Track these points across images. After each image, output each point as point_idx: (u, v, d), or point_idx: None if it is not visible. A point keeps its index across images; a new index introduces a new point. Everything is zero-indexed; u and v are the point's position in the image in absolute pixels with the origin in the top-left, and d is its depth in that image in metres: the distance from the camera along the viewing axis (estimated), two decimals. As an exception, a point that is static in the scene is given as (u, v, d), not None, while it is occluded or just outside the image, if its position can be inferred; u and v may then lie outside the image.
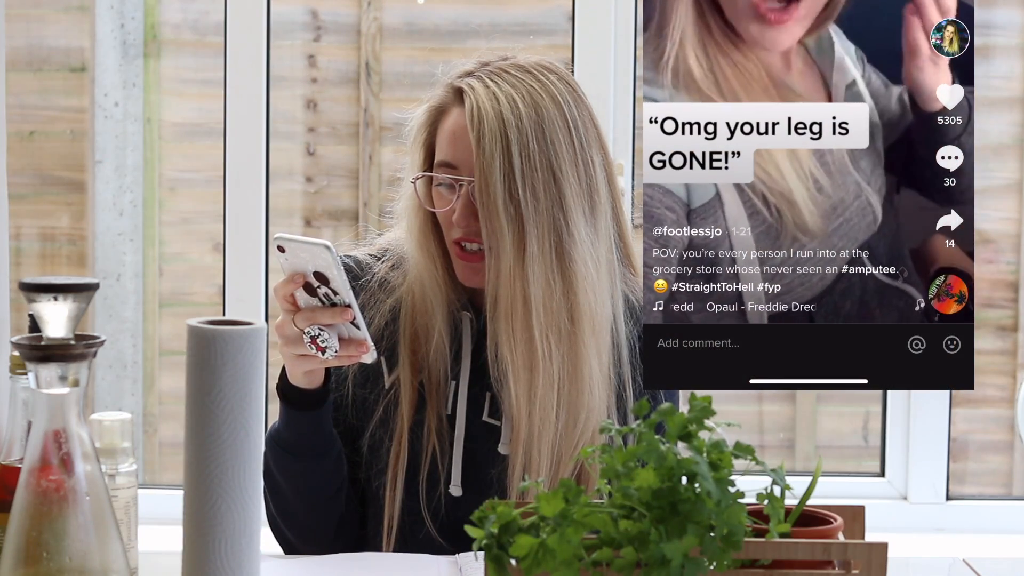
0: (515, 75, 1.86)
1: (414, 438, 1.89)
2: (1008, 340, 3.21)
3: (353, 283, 1.86)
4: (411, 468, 1.89)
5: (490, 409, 1.90)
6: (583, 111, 1.87)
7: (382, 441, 1.90)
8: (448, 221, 1.86)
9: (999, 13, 3.16)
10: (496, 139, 1.81)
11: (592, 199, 1.86)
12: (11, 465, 1.47)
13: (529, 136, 1.83)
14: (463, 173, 1.85)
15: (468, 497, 1.88)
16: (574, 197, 1.84)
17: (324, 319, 1.72)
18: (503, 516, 1.26)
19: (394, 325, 1.92)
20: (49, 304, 1.22)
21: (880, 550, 1.31)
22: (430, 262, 1.89)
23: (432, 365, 1.90)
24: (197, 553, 1.30)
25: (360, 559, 1.82)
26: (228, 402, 1.29)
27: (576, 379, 1.83)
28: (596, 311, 1.84)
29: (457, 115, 1.86)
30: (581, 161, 1.85)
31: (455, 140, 1.85)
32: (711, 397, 1.31)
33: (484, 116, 1.82)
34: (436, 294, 1.89)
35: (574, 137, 1.86)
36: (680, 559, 1.22)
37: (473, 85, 1.85)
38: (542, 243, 1.82)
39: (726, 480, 1.25)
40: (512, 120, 1.82)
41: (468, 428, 1.90)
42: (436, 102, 1.90)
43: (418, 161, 1.91)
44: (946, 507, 2.99)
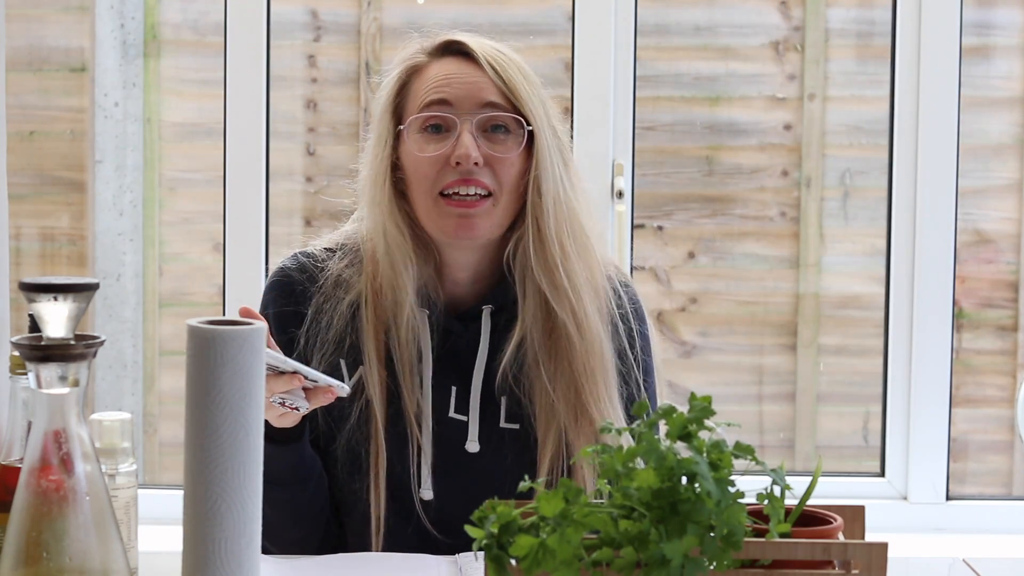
0: (486, 36, 1.89)
1: (391, 433, 1.87)
2: (1008, 340, 3.21)
3: (309, 285, 1.87)
4: (392, 464, 1.87)
5: (457, 405, 1.89)
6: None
7: (359, 442, 1.88)
8: (438, 171, 1.82)
9: (999, 13, 3.16)
10: (515, 71, 1.84)
11: (570, 165, 1.89)
12: (11, 465, 1.47)
13: (534, 81, 1.86)
14: (462, 108, 1.82)
15: (441, 494, 1.87)
16: (567, 155, 1.88)
17: (278, 388, 1.68)
18: (503, 516, 1.26)
19: (354, 323, 1.88)
20: (49, 304, 1.22)
21: (880, 550, 1.31)
22: (398, 231, 1.84)
23: (402, 348, 1.86)
24: (197, 553, 1.30)
25: (360, 559, 1.82)
26: (228, 402, 1.29)
27: (590, 338, 1.84)
28: (597, 272, 1.87)
29: (442, 64, 1.85)
30: (559, 118, 1.88)
31: (448, 79, 1.83)
32: (711, 397, 1.31)
33: (495, 52, 1.84)
34: (407, 264, 1.84)
35: (546, 98, 1.88)
36: (680, 559, 1.22)
37: (463, 36, 1.87)
38: (562, 180, 1.84)
39: (726, 480, 1.25)
40: (518, 60, 1.86)
41: (434, 426, 1.88)
42: (410, 63, 1.88)
43: (388, 127, 1.87)
44: (946, 507, 2.99)
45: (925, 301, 2.96)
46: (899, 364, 3.00)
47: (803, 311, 3.21)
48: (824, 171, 3.19)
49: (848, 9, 3.17)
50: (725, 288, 3.22)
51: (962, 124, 2.95)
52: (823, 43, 3.17)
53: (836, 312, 3.22)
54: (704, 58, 3.17)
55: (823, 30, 3.17)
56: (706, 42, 3.17)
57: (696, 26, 3.16)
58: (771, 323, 3.22)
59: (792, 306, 3.22)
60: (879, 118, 3.08)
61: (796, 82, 3.18)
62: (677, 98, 3.18)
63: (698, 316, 3.22)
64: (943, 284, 2.96)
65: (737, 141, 3.18)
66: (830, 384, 3.24)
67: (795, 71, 3.17)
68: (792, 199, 3.19)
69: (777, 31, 3.16)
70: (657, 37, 3.15)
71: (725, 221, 3.20)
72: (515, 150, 1.82)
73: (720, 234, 3.20)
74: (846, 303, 3.21)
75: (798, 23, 3.17)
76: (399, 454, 1.87)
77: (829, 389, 3.24)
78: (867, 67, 3.16)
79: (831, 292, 3.21)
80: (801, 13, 3.17)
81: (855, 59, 3.18)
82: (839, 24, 3.18)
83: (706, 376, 3.22)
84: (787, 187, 3.19)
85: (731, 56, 3.17)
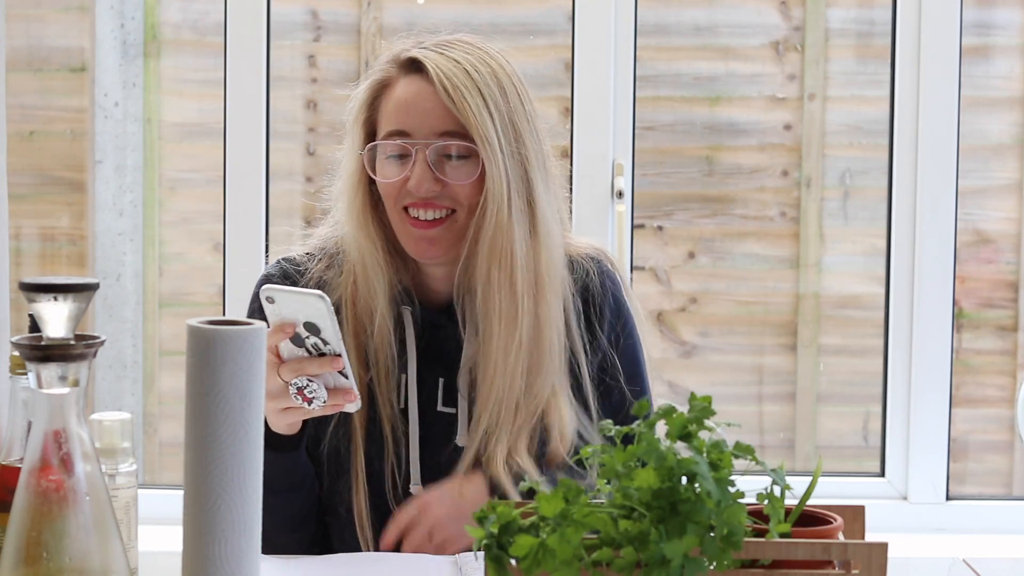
0: (462, 46, 1.88)
1: (371, 435, 1.88)
2: (1008, 340, 3.21)
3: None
4: (372, 466, 1.88)
5: (444, 398, 1.90)
6: (524, 86, 1.90)
7: (340, 443, 1.89)
8: (398, 192, 1.85)
9: (999, 13, 3.16)
10: (472, 93, 1.83)
11: (546, 165, 1.90)
12: (11, 465, 1.47)
13: (496, 94, 1.85)
14: (417, 138, 1.84)
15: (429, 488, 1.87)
16: (536, 158, 1.87)
17: (312, 369, 1.69)
18: (503, 516, 1.26)
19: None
20: (49, 304, 1.22)
21: (880, 550, 1.31)
22: (370, 243, 1.88)
23: (379, 351, 1.88)
24: (197, 553, 1.30)
25: (360, 559, 1.82)
26: (228, 402, 1.29)
27: (539, 341, 1.85)
28: (557, 272, 1.88)
29: (406, 84, 1.86)
30: (535, 128, 1.88)
31: (407, 107, 1.85)
32: (711, 397, 1.31)
33: (454, 74, 1.83)
34: (377, 275, 1.87)
35: (525, 105, 1.88)
36: (680, 559, 1.22)
37: (426, 54, 1.86)
38: (519, 198, 1.84)
39: (726, 480, 1.25)
40: (479, 79, 1.84)
41: (422, 420, 1.89)
42: (379, 76, 1.89)
43: (359, 139, 1.90)
44: (946, 507, 2.99)
45: (925, 301, 2.96)
46: (899, 364, 3.00)
47: (803, 311, 3.21)
48: (824, 171, 3.19)
49: (848, 9, 3.17)
50: (725, 288, 3.22)
51: (962, 124, 2.95)
52: (823, 43, 3.17)
53: (836, 312, 3.22)
54: (704, 58, 3.17)
55: (823, 30, 3.17)
56: (706, 42, 3.17)
57: (696, 26, 3.16)
58: (771, 323, 3.22)
59: (792, 306, 3.22)
60: (879, 118, 3.08)
61: (796, 82, 3.18)
62: (677, 98, 3.18)
63: (698, 316, 3.22)
64: (943, 284, 2.96)
65: (737, 141, 3.18)
66: (830, 384, 3.24)
67: (795, 71, 3.17)
68: (792, 199, 3.19)
69: (777, 31, 3.16)
70: (657, 37, 3.15)
71: (725, 221, 3.20)
72: (470, 175, 1.85)
73: (720, 234, 3.20)
74: (846, 303, 3.21)
75: (798, 23, 3.17)
76: (381, 453, 1.88)
77: (829, 389, 3.24)
78: (867, 67, 3.16)
79: (831, 292, 3.21)
80: (801, 13, 3.17)
81: (855, 59, 3.18)
82: (839, 24, 3.18)
83: (706, 376, 3.22)
84: (787, 187, 3.19)
85: (731, 56, 3.17)
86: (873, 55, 3.14)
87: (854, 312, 3.21)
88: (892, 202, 2.99)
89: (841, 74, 3.18)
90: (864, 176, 3.17)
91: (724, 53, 3.17)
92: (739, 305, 3.22)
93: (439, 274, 1.91)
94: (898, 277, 2.99)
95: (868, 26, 3.16)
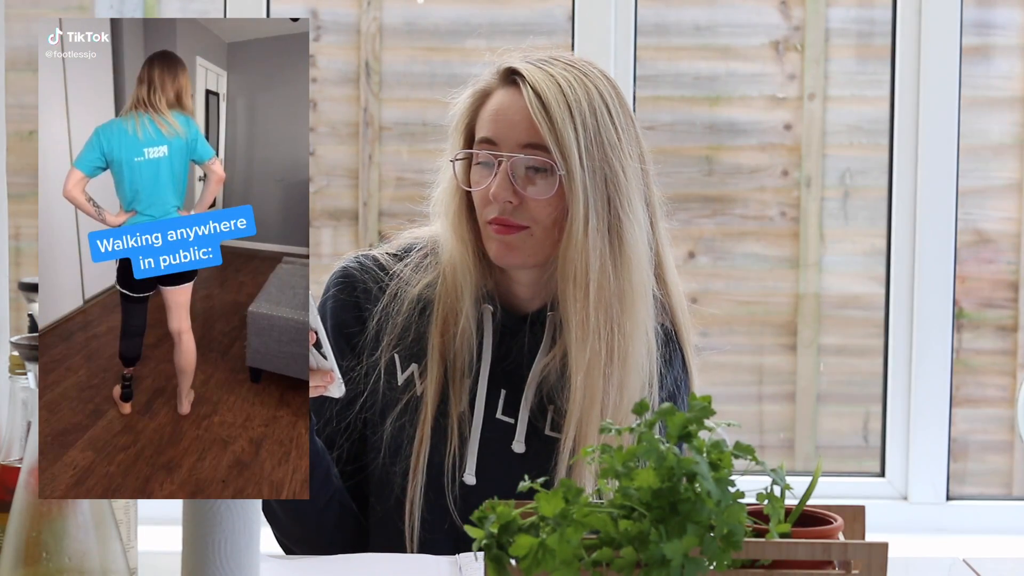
0: (563, 64, 1.91)
1: (436, 428, 1.92)
2: (1008, 340, 3.21)
3: (372, 284, 1.93)
4: (431, 458, 1.91)
5: (504, 407, 1.92)
6: (623, 109, 1.92)
7: (403, 430, 1.92)
8: (485, 199, 1.89)
9: (999, 13, 3.16)
10: (559, 107, 1.86)
11: (642, 191, 1.92)
12: (11, 465, 1.47)
13: (585, 111, 1.87)
14: (503, 149, 1.88)
15: (481, 486, 1.90)
16: (625, 181, 1.88)
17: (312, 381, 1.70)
18: (503, 516, 1.26)
19: (420, 317, 1.95)
20: (49, 304, 1.21)
21: (880, 550, 1.31)
22: (462, 245, 1.93)
23: (458, 351, 1.93)
24: (197, 553, 1.30)
25: (360, 559, 1.83)
26: (228, 402, 1.29)
27: (625, 358, 1.87)
28: (642, 294, 1.89)
29: (502, 95, 1.90)
30: (628, 151, 1.91)
31: (497, 117, 1.89)
32: (711, 397, 1.31)
33: (547, 89, 1.87)
34: (466, 277, 1.92)
35: (619, 127, 1.90)
36: (680, 559, 1.22)
37: (527, 68, 1.89)
38: (598, 217, 1.85)
39: (726, 480, 1.25)
40: (571, 96, 1.87)
41: (483, 423, 1.92)
42: (481, 86, 1.94)
43: (458, 144, 1.95)
44: (946, 507, 2.99)
45: (925, 301, 2.96)
46: (899, 364, 3.00)
47: (803, 311, 3.21)
48: (824, 171, 3.19)
49: (848, 9, 3.17)
50: (725, 288, 3.22)
51: (962, 124, 2.95)
52: (823, 43, 3.17)
53: (836, 312, 3.22)
54: (704, 58, 3.17)
55: (823, 30, 3.17)
56: (706, 42, 3.17)
57: (696, 26, 3.16)
58: (771, 323, 3.22)
59: (792, 306, 3.22)
60: (879, 118, 3.08)
61: (796, 82, 3.17)
62: (677, 98, 3.18)
63: (698, 316, 3.22)
64: (943, 284, 2.96)
65: (737, 141, 3.18)
66: (830, 384, 3.24)
67: (795, 71, 3.17)
68: (792, 199, 3.19)
69: (777, 31, 3.16)
70: (657, 37, 3.15)
71: (725, 221, 3.20)
72: (548, 190, 1.87)
73: (720, 234, 3.20)
74: (846, 303, 3.21)
75: (798, 23, 3.17)
76: (442, 447, 1.92)
77: (829, 389, 3.24)
78: (867, 67, 3.16)
79: (831, 292, 3.21)
80: (801, 13, 3.17)
81: (855, 59, 3.18)
82: (839, 24, 3.17)
83: (706, 376, 3.21)
84: (787, 187, 3.19)
85: (731, 56, 3.17)
86: (873, 55, 3.14)
87: (854, 312, 3.21)
88: (892, 202, 2.99)
89: (841, 74, 3.18)
90: (864, 176, 3.17)
91: (724, 53, 3.17)
92: (739, 305, 3.21)
93: (524, 279, 1.95)
94: (898, 277, 2.99)
95: (868, 26, 3.16)
